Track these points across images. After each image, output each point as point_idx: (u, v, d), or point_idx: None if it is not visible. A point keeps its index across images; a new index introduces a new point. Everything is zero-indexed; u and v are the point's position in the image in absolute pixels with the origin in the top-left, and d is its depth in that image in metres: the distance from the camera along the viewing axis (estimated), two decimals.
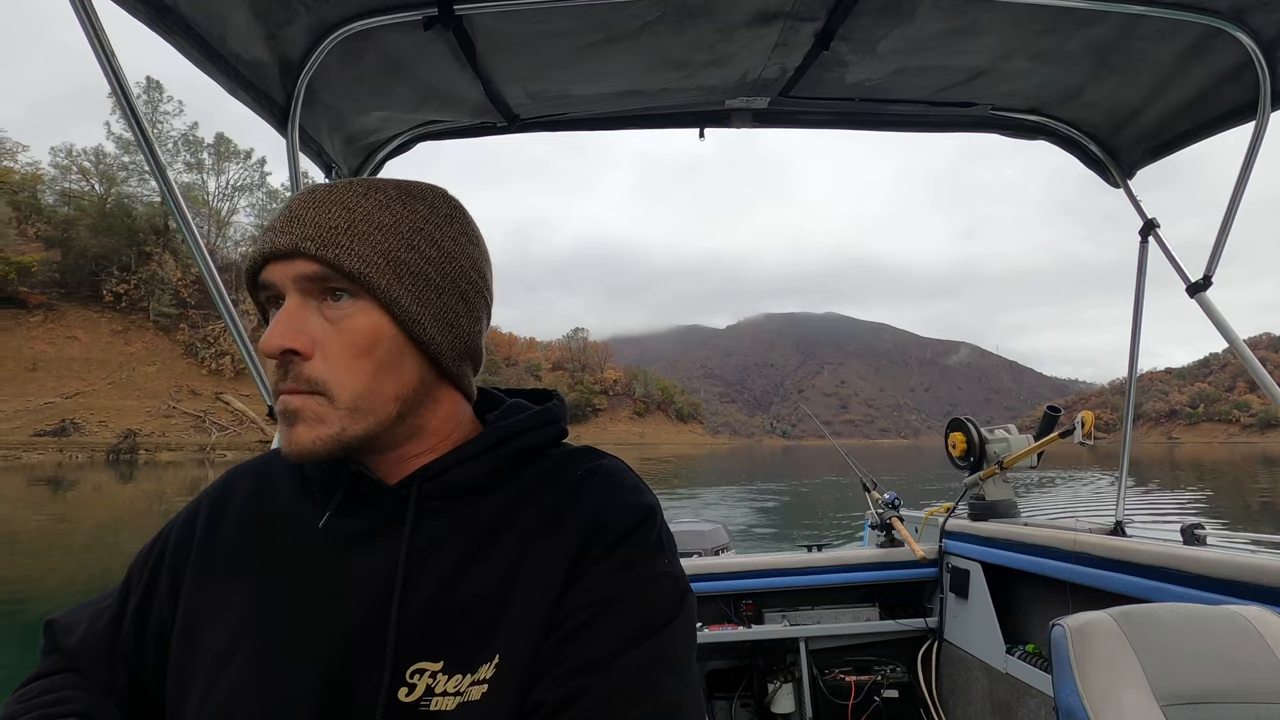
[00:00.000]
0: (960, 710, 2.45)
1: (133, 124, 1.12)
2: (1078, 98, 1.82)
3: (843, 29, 1.45)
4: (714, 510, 20.07)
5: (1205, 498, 24.00)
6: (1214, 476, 36.78)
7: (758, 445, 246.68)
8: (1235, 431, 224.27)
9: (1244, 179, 1.67)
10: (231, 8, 1.21)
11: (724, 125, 1.92)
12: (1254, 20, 1.44)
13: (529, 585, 0.59)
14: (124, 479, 33.50)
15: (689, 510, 19.22)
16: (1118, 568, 1.85)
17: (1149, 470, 42.41)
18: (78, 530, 17.19)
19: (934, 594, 2.65)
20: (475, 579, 0.59)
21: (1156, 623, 1.18)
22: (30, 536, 16.01)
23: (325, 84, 1.48)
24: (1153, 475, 36.82)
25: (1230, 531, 1.84)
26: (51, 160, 72.85)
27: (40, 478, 32.92)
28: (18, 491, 27.11)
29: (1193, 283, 1.78)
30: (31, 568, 12.02)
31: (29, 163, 74.57)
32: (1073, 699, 1.11)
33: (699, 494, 26.18)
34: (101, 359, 62.16)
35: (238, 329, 1.35)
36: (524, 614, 0.57)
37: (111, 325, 65.78)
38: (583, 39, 1.47)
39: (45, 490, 27.59)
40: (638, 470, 0.69)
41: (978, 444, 2.65)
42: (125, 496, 25.95)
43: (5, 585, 10.47)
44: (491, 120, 1.84)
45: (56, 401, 55.21)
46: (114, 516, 19.88)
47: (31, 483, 30.54)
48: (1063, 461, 40.49)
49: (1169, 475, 37.67)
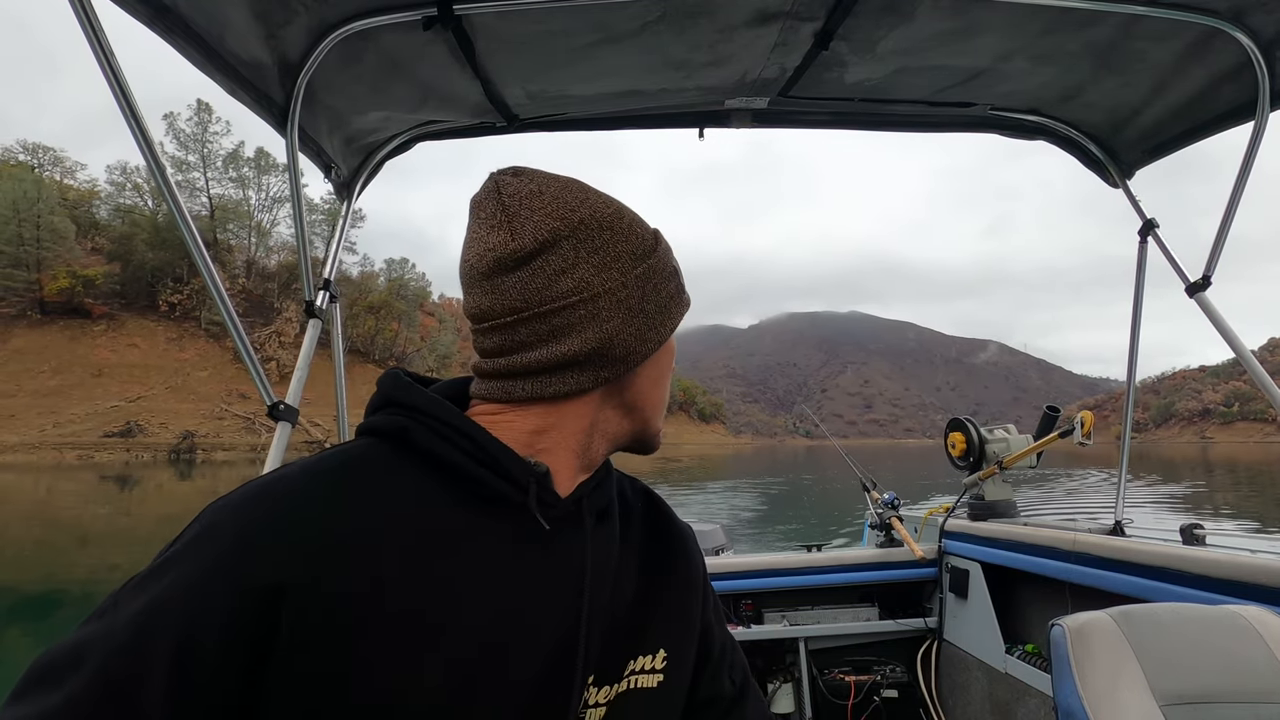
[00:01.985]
0: (960, 710, 2.44)
1: (131, 123, 1.10)
2: (1077, 98, 1.82)
3: (842, 29, 1.46)
4: (719, 499, 21.29)
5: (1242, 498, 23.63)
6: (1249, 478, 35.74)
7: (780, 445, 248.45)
8: (1272, 431, 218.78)
9: (1243, 179, 1.67)
10: (231, 8, 1.21)
11: (723, 125, 1.92)
12: (1253, 20, 1.44)
13: (677, 592, 0.70)
14: (183, 477, 36.33)
15: (697, 501, 20.51)
16: (1117, 568, 1.84)
17: (1178, 470, 41.34)
18: (141, 525, 18.19)
19: (933, 594, 2.64)
20: (626, 583, 0.66)
21: (1156, 623, 1.17)
22: (98, 531, 17.11)
23: (324, 84, 1.48)
24: (1182, 475, 35.92)
25: (1229, 531, 1.79)
26: (107, 177, 78.22)
27: (109, 475, 35.94)
28: (88, 488, 29.44)
29: (1192, 282, 1.78)
30: (99, 561, 12.60)
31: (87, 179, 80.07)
32: (1072, 699, 1.11)
33: (706, 485, 27.91)
34: (159, 365, 67.24)
35: (237, 328, 1.36)
36: (678, 615, 0.69)
37: (167, 333, 71.12)
38: (582, 39, 1.48)
39: (113, 487, 29.94)
40: (660, 472, 0.85)
41: (977, 444, 2.65)
42: (183, 493, 27.71)
43: (75, 576, 11.18)
44: (491, 120, 1.84)
45: (121, 405, 59.92)
46: (173, 512, 20.76)
47: (101, 480, 33.37)
48: (1097, 460, 38.78)
49: (1202, 475, 36.57)
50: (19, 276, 66.07)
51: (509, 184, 0.60)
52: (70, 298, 67.76)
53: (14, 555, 13.56)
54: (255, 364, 1.41)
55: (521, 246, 0.57)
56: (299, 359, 1.62)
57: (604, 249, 0.60)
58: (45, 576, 11.17)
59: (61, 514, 20.83)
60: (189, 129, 77.36)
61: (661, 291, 0.63)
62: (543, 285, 0.58)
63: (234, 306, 1.37)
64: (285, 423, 1.46)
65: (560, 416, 0.61)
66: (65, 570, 11.67)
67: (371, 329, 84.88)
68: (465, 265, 0.61)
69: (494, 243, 0.58)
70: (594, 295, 0.58)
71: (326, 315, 1.69)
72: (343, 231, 1.92)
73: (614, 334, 0.59)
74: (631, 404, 0.65)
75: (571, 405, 0.61)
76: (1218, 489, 29.50)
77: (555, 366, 0.59)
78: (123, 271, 71.71)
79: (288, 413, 1.46)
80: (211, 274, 1.30)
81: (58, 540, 15.48)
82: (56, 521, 19.07)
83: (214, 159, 77.65)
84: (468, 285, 0.61)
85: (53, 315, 67.96)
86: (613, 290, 0.59)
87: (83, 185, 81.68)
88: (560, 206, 0.59)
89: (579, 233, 0.59)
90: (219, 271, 1.35)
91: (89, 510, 21.74)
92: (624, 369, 0.62)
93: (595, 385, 0.61)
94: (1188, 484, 30.66)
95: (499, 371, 0.61)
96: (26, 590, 10.31)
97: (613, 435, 0.65)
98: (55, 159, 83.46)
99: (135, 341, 69.33)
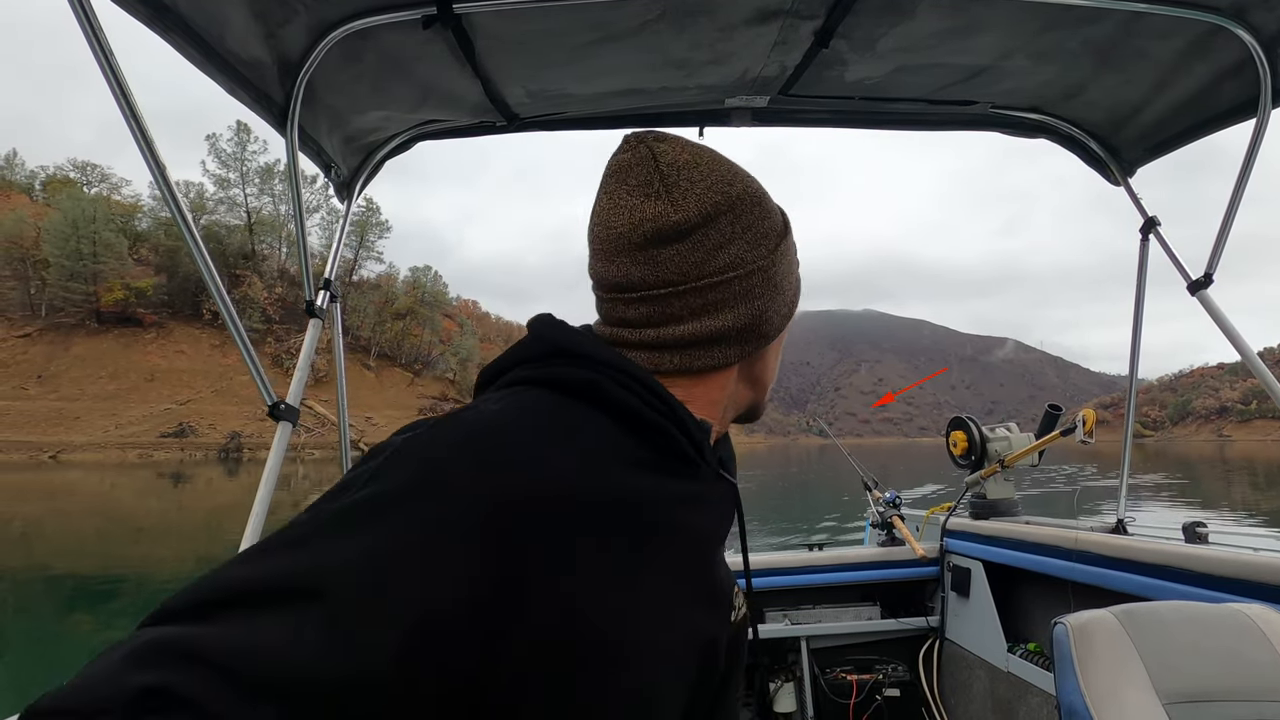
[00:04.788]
0: (962, 709, 2.44)
1: (130, 122, 1.10)
2: (1078, 96, 1.81)
3: (842, 27, 1.45)
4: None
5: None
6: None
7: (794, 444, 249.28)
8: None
9: (1244, 177, 1.66)
10: (230, 7, 1.21)
11: (724, 124, 1.92)
12: (1254, 17, 1.44)
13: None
14: (230, 474, 39.18)
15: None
16: (1119, 566, 1.83)
17: (1195, 468, 40.72)
18: (191, 519, 19.35)
19: (935, 593, 2.64)
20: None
21: (1158, 621, 1.17)
22: (152, 525, 18.07)
23: (324, 83, 1.48)
24: (1200, 474, 34.69)
25: (1232, 529, 1.80)
26: (150, 193, 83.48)
27: (164, 473, 39.02)
28: (145, 484, 31.79)
29: (1194, 280, 1.77)
30: (149, 552, 13.40)
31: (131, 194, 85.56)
32: (1075, 697, 1.11)
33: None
34: (205, 370, 72.40)
35: (237, 329, 1.36)
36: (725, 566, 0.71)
37: (211, 340, 76.37)
38: (582, 38, 1.47)
39: (168, 483, 32.21)
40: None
41: (979, 442, 2.65)
42: (231, 488, 29.35)
43: (129, 565, 11.90)
44: (491, 119, 1.84)
45: (172, 407, 64.99)
46: (220, 505, 22.56)
47: (158, 476, 36.15)
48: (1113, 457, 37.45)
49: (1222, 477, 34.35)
50: (77, 289, 71.51)
51: (665, 151, 0.58)
52: (124, 308, 73.18)
53: (76, 546, 14.45)
54: (255, 364, 1.40)
55: (686, 220, 0.57)
56: (300, 359, 1.62)
57: (755, 225, 0.60)
58: (103, 566, 11.86)
59: (120, 508, 22.33)
60: (229, 149, 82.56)
61: (795, 268, 0.65)
62: (701, 259, 0.57)
63: (272, 314, 1.59)
64: (286, 422, 1.47)
65: (703, 389, 0.61)
66: (120, 561, 12.35)
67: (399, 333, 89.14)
68: (609, 231, 0.58)
69: (652, 212, 0.57)
70: (749, 272, 0.59)
71: (327, 315, 1.69)
72: (343, 231, 1.96)
73: (762, 310, 0.61)
74: (757, 377, 0.67)
75: (714, 378, 0.62)
76: (1219, 484, 29.19)
77: (706, 340, 0.59)
78: (169, 282, 76.93)
79: (288, 412, 1.46)
80: (213, 274, 1.30)
81: (115, 532, 16.52)
82: (116, 514, 20.43)
83: (251, 177, 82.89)
84: (611, 252, 0.59)
85: (108, 324, 73.43)
86: (764, 267, 0.60)
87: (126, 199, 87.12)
88: (718, 179, 0.59)
89: (736, 207, 0.59)
90: (219, 272, 1.32)
91: (144, 504, 23.43)
92: (763, 344, 0.63)
93: (739, 360, 0.61)
94: (1183, 478, 30.17)
95: (647, 343, 0.59)
96: (86, 577, 10.88)
97: (739, 405, 0.67)
98: (102, 175, 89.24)
99: (183, 348, 74.62)
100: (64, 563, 12.27)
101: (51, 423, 58.01)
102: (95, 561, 12.37)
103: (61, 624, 8.22)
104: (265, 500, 1.38)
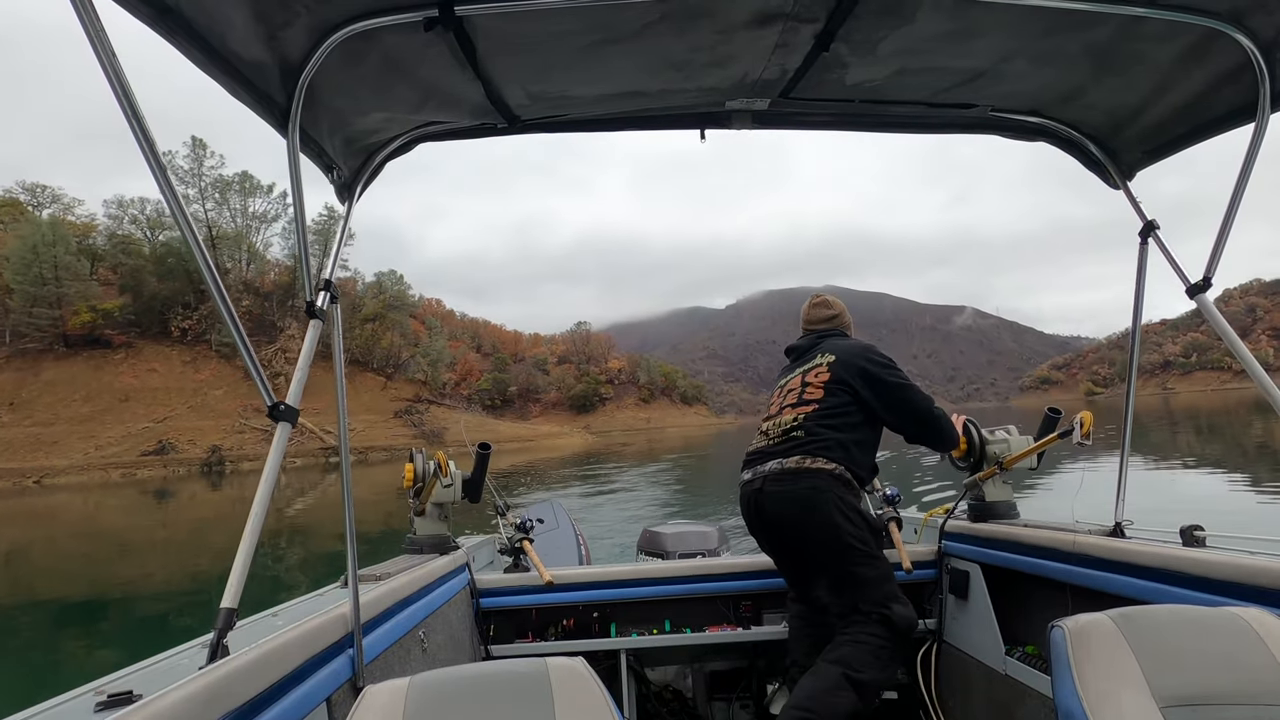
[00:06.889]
0: (959, 712, 2.44)
1: (133, 124, 1.10)
2: (1077, 99, 1.83)
3: (842, 30, 1.47)
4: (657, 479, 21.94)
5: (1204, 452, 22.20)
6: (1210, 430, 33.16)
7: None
8: (1227, 378, 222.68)
9: (1243, 181, 1.67)
10: (232, 9, 1.22)
11: (724, 126, 1.93)
12: (1253, 22, 1.45)
13: None
14: (214, 487, 39.06)
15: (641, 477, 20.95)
16: (1117, 569, 1.84)
17: (1142, 420, 39.81)
18: (176, 534, 19.08)
19: (933, 595, 2.64)
20: None
21: (1156, 624, 1.18)
22: (138, 542, 17.82)
23: (326, 85, 1.49)
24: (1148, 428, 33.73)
25: (1230, 533, 1.80)
26: (105, 211, 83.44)
27: (148, 490, 38.78)
28: (130, 502, 31.78)
29: (1192, 284, 1.78)
30: (136, 571, 13.18)
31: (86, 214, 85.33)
32: (1072, 700, 1.11)
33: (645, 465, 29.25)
34: (179, 387, 72.97)
35: (239, 330, 1.37)
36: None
37: (181, 357, 76.86)
38: (583, 40, 1.49)
39: (152, 500, 32.19)
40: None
41: (978, 444, 2.65)
42: (214, 500, 29.57)
43: (117, 583, 11.73)
44: (492, 121, 1.85)
45: (150, 425, 65.72)
46: (203, 517, 22.54)
47: (142, 494, 36.13)
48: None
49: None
50: (42, 314, 71.45)
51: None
52: (91, 330, 73.37)
53: (62, 569, 14.19)
54: (256, 364, 1.40)
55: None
56: (300, 359, 1.64)
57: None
58: (91, 588, 11.69)
59: (105, 527, 22.01)
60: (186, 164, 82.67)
61: None
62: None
63: (241, 327, 1.40)
64: (285, 423, 1.48)
65: None
66: (105, 582, 12.14)
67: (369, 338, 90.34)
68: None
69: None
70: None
71: (327, 316, 1.70)
72: (344, 232, 1.98)
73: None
74: None
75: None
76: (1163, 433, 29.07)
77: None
78: (135, 302, 77.27)
79: (288, 413, 1.47)
80: (215, 276, 1.31)
81: (102, 553, 16.23)
82: (100, 535, 20.05)
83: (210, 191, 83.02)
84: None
85: (76, 347, 73.46)
86: None
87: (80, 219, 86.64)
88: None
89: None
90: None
91: (131, 521, 23.12)
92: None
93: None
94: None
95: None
96: (73, 600, 10.74)
97: None
98: (54, 196, 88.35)
99: (154, 366, 75.01)
100: (50, 587, 12.10)
101: (30, 449, 58.53)
102: (82, 585, 12.14)
103: (51, 651, 7.93)
104: (265, 500, 1.39)
